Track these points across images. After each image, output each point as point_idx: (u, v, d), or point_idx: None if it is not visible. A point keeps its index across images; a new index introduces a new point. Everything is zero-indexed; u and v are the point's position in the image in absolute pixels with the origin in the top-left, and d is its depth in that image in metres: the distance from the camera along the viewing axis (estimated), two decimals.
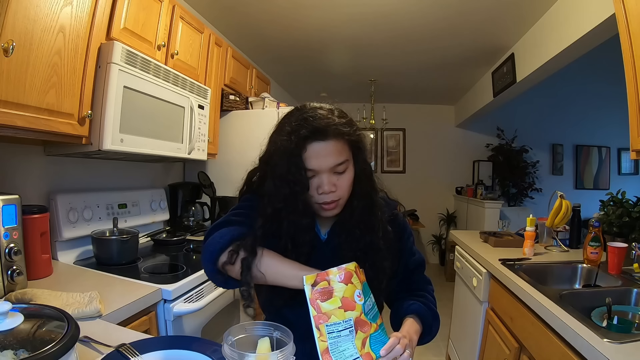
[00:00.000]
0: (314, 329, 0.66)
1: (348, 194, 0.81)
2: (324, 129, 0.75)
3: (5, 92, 0.96)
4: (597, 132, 5.02)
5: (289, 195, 0.76)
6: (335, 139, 0.76)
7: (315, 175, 0.77)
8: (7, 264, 1.05)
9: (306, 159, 0.75)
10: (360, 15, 2.52)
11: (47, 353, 0.52)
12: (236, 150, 2.30)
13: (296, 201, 0.77)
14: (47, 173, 1.47)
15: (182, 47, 1.79)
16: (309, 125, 0.75)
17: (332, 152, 0.76)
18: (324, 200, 0.79)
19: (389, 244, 0.84)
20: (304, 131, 0.74)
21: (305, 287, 0.68)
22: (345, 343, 0.66)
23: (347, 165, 0.79)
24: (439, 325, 0.88)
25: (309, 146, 0.75)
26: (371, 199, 0.84)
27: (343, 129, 0.77)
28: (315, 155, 0.75)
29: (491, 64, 3.43)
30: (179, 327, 1.28)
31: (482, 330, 1.80)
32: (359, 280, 0.70)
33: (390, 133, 5.35)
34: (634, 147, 1.30)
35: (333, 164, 0.76)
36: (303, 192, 0.77)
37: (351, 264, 0.71)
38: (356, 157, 0.82)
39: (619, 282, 1.42)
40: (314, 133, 0.75)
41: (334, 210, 0.81)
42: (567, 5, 2.12)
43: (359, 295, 0.69)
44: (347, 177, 0.79)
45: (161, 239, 1.88)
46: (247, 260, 0.75)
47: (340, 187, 0.78)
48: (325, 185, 0.77)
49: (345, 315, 0.67)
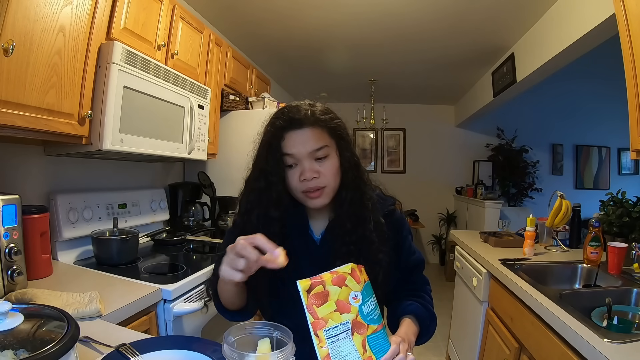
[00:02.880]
0: (312, 337, 0.65)
1: (334, 182, 0.81)
2: (299, 119, 0.79)
3: (5, 92, 0.96)
4: (597, 132, 5.01)
5: (264, 188, 0.80)
6: (312, 126, 0.79)
7: (297, 163, 0.79)
8: (7, 264, 1.05)
9: (284, 146, 0.79)
10: (361, 15, 2.52)
11: (47, 353, 0.52)
12: (236, 150, 2.30)
13: (270, 192, 0.80)
14: (47, 173, 1.47)
15: (182, 47, 1.79)
16: (286, 116, 0.80)
17: (310, 137, 0.78)
18: (308, 187, 0.79)
19: (383, 236, 0.84)
20: (280, 122, 0.79)
21: (301, 293, 0.67)
22: (345, 347, 0.65)
23: (328, 151, 0.80)
24: (435, 325, 0.88)
25: (286, 135, 0.79)
26: (360, 190, 0.84)
27: (320, 116, 0.80)
28: (292, 142, 0.78)
29: (491, 64, 3.43)
30: (179, 327, 1.28)
31: (482, 330, 1.80)
32: (355, 282, 0.69)
33: (390, 133, 5.35)
34: (634, 147, 1.30)
35: (311, 148, 0.78)
36: (277, 183, 0.79)
37: (346, 266, 0.71)
38: (339, 145, 0.83)
39: (619, 282, 1.42)
40: (290, 122, 0.79)
41: (320, 199, 0.81)
42: (567, 5, 2.12)
43: (354, 297, 0.68)
44: (330, 164, 0.80)
45: (161, 239, 1.88)
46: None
47: (323, 173, 0.79)
48: (307, 172, 0.78)
49: (341, 318, 0.66)
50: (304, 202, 0.82)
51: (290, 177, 0.80)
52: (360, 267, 0.72)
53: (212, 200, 2.26)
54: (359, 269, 0.72)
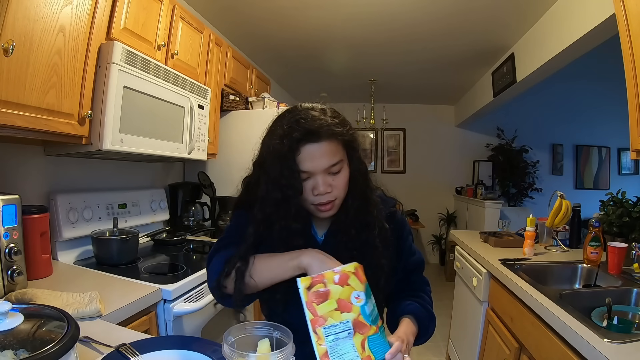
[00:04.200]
0: (311, 333, 0.65)
1: (344, 193, 0.81)
2: (316, 131, 0.74)
3: (5, 92, 0.96)
4: (597, 132, 5.02)
5: (281, 200, 0.76)
6: (329, 139, 0.76)
7: (310, 177, 0.77)
8: (7, 264, 1.05)
9: (300, 161, 0.75)
10: (361, 15, 2.52)
11: (47, 353, 0.52)
12: (236, 150, 2.30)
13: (288, 205, 0.77)
14: (47, 173, 1.47)
15: (182, 47, 1.79)
16: (302, 127, 0.74)
17: (326, 152, 0.76)
18: (320, 201, 0.78)
19: (387, 241, 0.83)
20: (297, 134, 0.74)
21: (300, 290, 0.67)
22: (344, 346, 0.65)
23: (342, 165, 0.79)
24: (434, 326, 0.88)
25: (302, 148, 0.74)
26: (366, 197, 0.83)
27: (336, 129, 0.76)
28: (309, 157, 0.75)
29: (491, 64, 3.43)
30: (179, 327, 1.28)
31: (482, 330, 1.80)
32: (359, 281, 0.69)
33: (390, 133, 5.35)
34: (634, 147, 1.30)
35: (328, 164, 0.76)
36: (296, 196, 0.77)
37: (350, 265, 0.70)
38: (350, 156, 0.81)
39: (619, 282, 1.42)
40: (306, 135, 0.74)
41: (331, 211, 0.81)
42: (567, 5, 2.12)
43: (357, 297, 0.68)
44: (343, 177, 0.79)
45: (161, 239, 1.88)
46: (241, 268, 0.77)
47: (336, 187, 0.78)
48: (321, 186, 0.77)
49: (342, 317, 0.66)
50: (313, 213, 0.82)
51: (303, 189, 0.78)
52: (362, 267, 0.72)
53: (212, 200, 2.26)
54: (362, 269, 0.72)
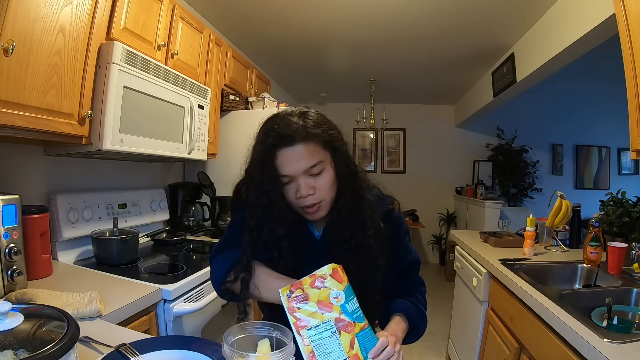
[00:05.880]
0: (296, 336, 0.66)
1: (330, 195, 0.81)
2: (290, 135, 0.75)
3: (5, 92, 0.96)
4: (597, 132, 5.01)
5: (267, 205, 0.78)
6: (304, 142, 0.76)
7: (292, 180, 0.78)
8: (7, 264, 1.05)
9: (279, 165, 0.76)
10: (361, 15, 2.52)
11: (47, 353, 0.52)
12: (236, 150, 2.30)
13: (273, 210, 0.79)
14: (47, 173, 1.47)
15: (182, 47, 1.79)
16: (275, 132, 0.76)
17: (303, 155, 0.76)
18: (304, 204, 0.79)
19: (382, 241, 0.83)
20: (271, 140, 0.76)
21: (282, 298, 0.69)
22: (330, 345, 0.67)
23: (323, 166, 0.78)
24: (426, 326, 0.89)
25: (278, 153, 0.76)
26: (358, 197, 0.83)
27: (312, 130, 0.77)
28: (286, 161, 0.76)
29: (491, 64, 3.43)
30: (179, 327, 1.28)
31: (482, 330, 1.80)
32: (336, 282, 0.70)
33: (390, 133, 5.35)
34: (634, 147, 1.29)
35: (306, 166, 0.76)
36: (278, 200, 0.78)
37: (327, 267, 0.71)
38: (334, 156, 0.81)
39: (619, 282, 1.42)
40: (281, 140, 0.76)
41: (319, 213, 0.81)
42: (567, 5, 2.12)
43: (336, 297, 0.69)
44: (326, 178, 0.79)
45: (161, 239, 1.88)
46: (246, 279, 0.79)
47: (319, 188, 0.78)
48: (303, 189, 0.77)
49: (324, 317, 0.68)
50: (303, 215, 0.83)
51: (287, 193, 0.79)
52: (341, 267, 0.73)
53: (212, 200, 2.26)
54: (341, 269, 0.72)
